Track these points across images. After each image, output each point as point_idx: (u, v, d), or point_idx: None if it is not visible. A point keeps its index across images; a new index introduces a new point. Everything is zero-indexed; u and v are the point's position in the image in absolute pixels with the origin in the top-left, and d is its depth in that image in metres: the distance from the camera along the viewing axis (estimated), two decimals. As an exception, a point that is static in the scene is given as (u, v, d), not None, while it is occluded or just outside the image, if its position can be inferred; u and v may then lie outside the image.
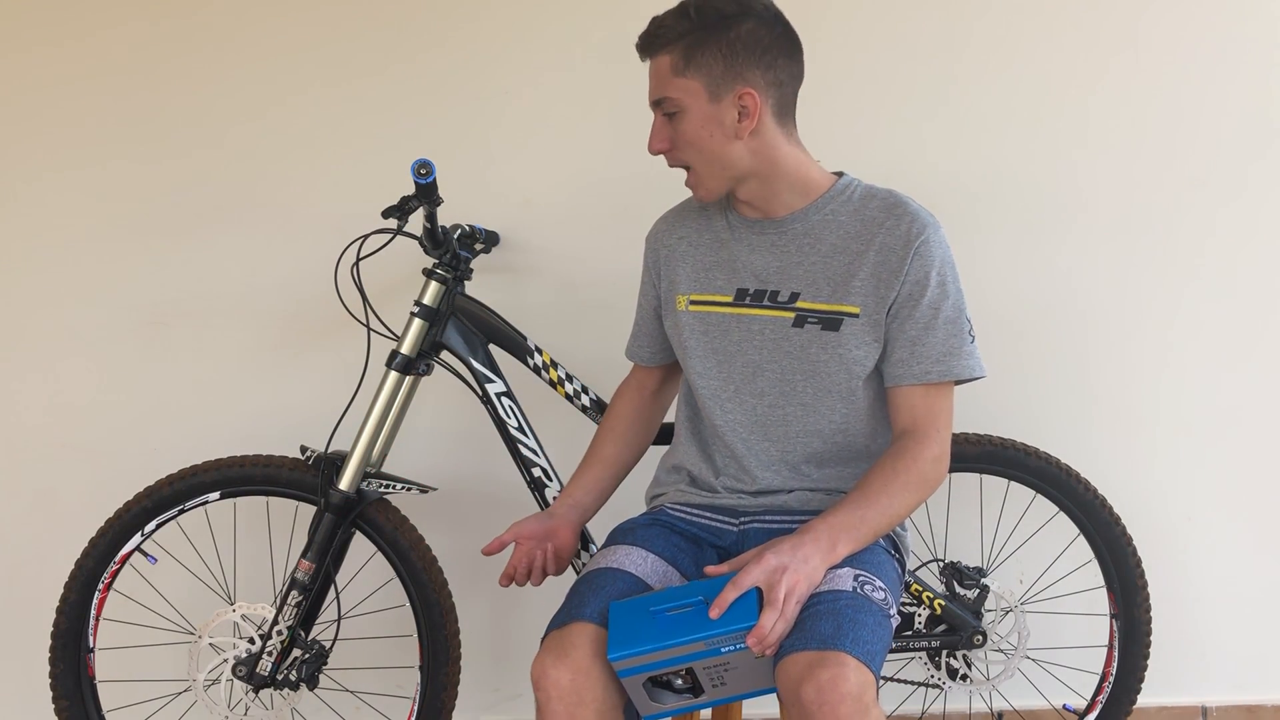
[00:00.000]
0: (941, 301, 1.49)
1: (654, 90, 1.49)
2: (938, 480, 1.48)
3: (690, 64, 1.45)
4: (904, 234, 1.49)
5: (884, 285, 1.49)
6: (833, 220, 1.53)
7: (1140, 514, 2.10)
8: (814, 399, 1.54)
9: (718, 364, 1.58)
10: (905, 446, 1.47)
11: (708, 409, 1.59)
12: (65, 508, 2.28)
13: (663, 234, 1.68)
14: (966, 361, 1.50)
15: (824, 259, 1.52)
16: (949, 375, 1.49)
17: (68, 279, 2.25)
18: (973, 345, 1.51)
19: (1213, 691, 2.26)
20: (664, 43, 1.46)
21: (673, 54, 1.46)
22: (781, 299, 1.54)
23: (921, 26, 2.16)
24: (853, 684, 1.23)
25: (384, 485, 1.90)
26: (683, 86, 1.45)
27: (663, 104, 1.48)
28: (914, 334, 1.49)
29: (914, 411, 1.50)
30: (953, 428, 1.53)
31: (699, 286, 1.60)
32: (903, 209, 1.52)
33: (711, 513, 1.61)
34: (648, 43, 1.48)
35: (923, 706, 2.16)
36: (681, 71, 1.45)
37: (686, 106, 1.46)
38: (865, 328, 1.50)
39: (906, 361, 1.49)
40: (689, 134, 1.48)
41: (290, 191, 2.23)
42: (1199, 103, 2.15)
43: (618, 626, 1.35)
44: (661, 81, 1.48)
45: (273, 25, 2.20)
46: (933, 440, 1.48)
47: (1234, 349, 2.19)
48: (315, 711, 2.17)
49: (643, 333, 1.76)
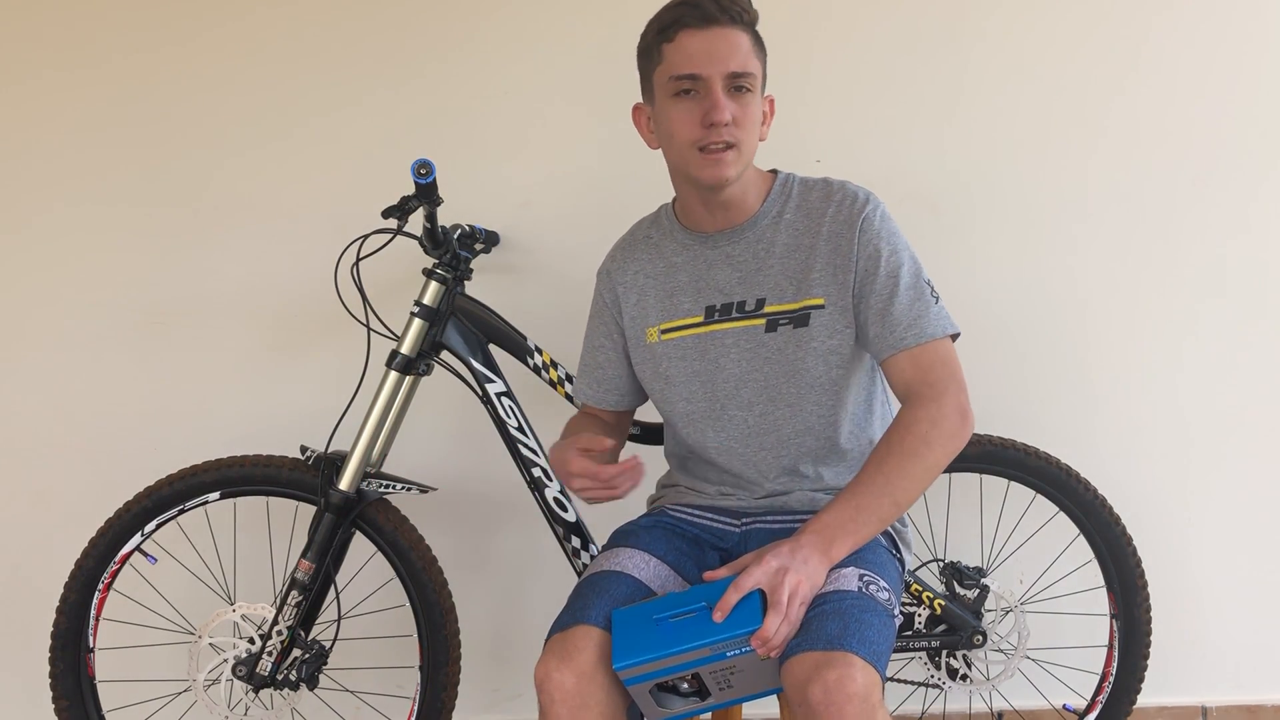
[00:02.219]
0: (898, 269, 1.49)
1: (735, 61, 1.42)
2: (949, 436, 1.42)
3: (759, 49, 1.47)
4: (846, 215, 1.50)
5: (840, 270, 1.50)
6: (779, 221, 1.54)
7: (1140, 514, 2.10)
8: (798, 397, 1.54)
9: (701, 385, 1.57)
10: (899, 416, 1.46)
11: (699, 432, 1.58)
12: (65, 508, 2.27)
13: (616, 271, 1.65)
14: (937, 321, 1.49)
15: (780, 260, 1.53)
16: (924, 337, 1.47)
17: (68, 279, 2.25)
18: (939, 305, 1.50)
19: (1213, 691, 2.26)
20: (746, 16, 1.45)
21: (750, 33, 1.45)
22: (749, 308, 1.54)
23: (923, 27, 2.15)
24: (859, 684, 1.23)
25: (384, 485, 1.89)
26: (757, 67, 1.46)
27: (742, 78, 1.43)
28: (880, 306, 1.49)
29: (904, 376, 1.48)
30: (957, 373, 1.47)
31: (667, 315, 1.59)
32: (840, 192, 1.53)
33: (713, 513, 1.61)
34: (728, 8, 1.42)
35: (923, 706, 2.16)
36: (757, 54, 1.46)
37: (756, 88, 1.46)
38: (834, 315, 1.51)
39: (882, 335, 1.49)
40: (751, 115, 1.46)
41: (290, 191, 2.22)
42: (1200, 102, 2.15)
43: (622, 634, 1.35)
44: (745, 55, 1.43)
45: (273, 26, 2.20)
46: (928, 398, 1.44)
47: (1234, 349, 2.19)
48: (315, 711, 2.17)
49: (607, 377, 1.69)
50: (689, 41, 1.42)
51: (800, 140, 2.11)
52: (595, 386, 1.71)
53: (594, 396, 1.72)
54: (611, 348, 1.68)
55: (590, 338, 1.72)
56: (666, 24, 1.45)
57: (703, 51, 1.41)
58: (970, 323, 2.11)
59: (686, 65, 1.42)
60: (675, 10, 1.44)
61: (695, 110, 1.43)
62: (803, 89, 2.13)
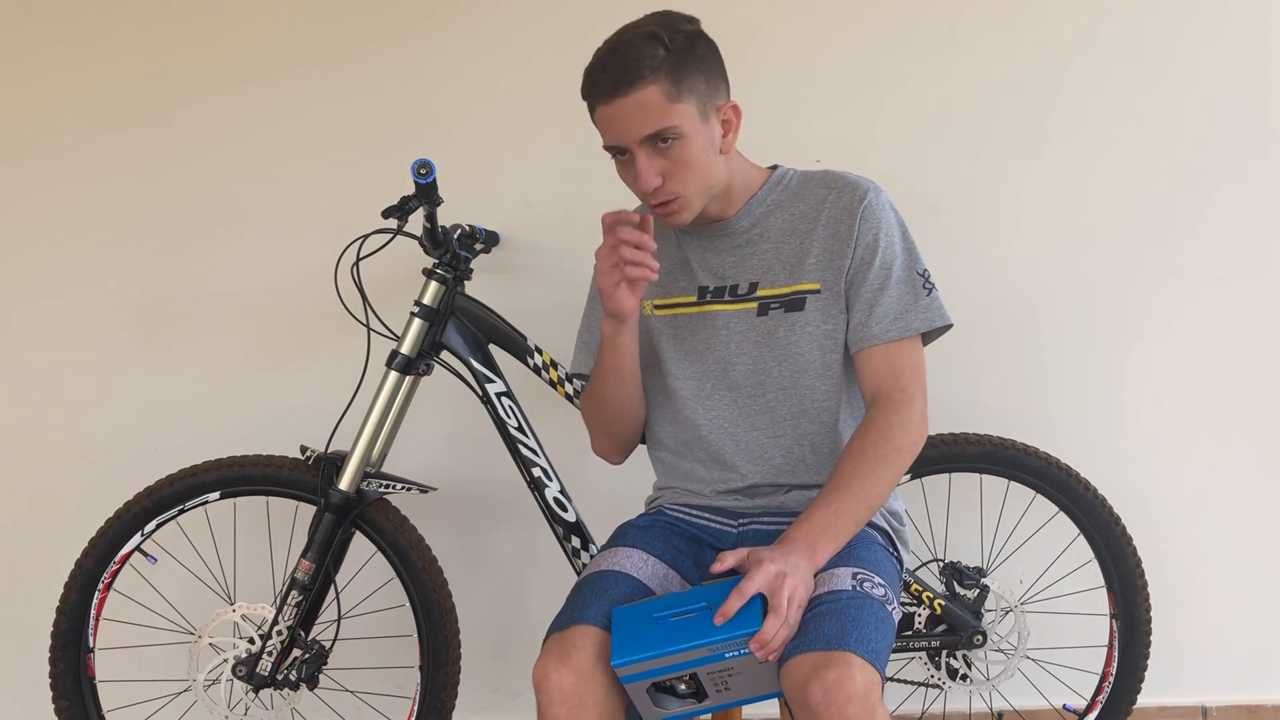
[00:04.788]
0: (893, 261, 1.50)
1: (646, 125, 1.39)
2: (913, 444, 1.44)
3: (680, 88, 1.39)
4: (847, 203, 1.50)
5: (837, 256, 1.50)
6: (775, 208, 1.54)
7: (1140, 514, 2.10)
8: (792, 381, 1.54)
9: (690, 363, 1.58)
10: (871, 419, 1.46)
11: (690, 410, 1.59)
12: (65, 508, 2.28)
13: None
14: (925, 314, 1.49)
15: (775, 245, 1.53)
16: (907, 330, 1.48)
17: (68, 279, 2.26)
18: (930, 297, 1.50)
19: (1213, 691, 2.26)
20: (646, 73, 1.37)
21: (660, 83, 1.37)
22: (741, 291, 1.55)
23: (923, 26, 2.15)
24: (859, 684, 1.23)
25: (384, 485, 1.89)
26: (680, 113, 1.40)
27: (662, 135, 1.39)
28: (869, 296, 1.49)
29: (876, 375, 1.48)
30: (923, 383, 1.48)
31: (662, 291, 1.60)
32: (841, 181, 1.53)
33: (710, 514, 1.61)
34: (622, 77, 1.37)
35: (923, 706, 2.16)
36: (675, 98, 1.38)
37: (686, 132, 1.40)
38: (829, 300, 1.51)
39: (864, 324, 1.49)
40: (690, 159, 1.41)
41: (290, 191, 2.23)
42: (1199, 102, 2.15)
43: (621, 632, 1.35)
44: (657, 113, 1.38)
45: (274, 26, 2.20)
46: (899, 404, 1.45)
47: (1234, 349, 2.19)
48: (315, 711, 2.17)
49: None
50: (603, 114, 1.42)
51: (800, 140, 2.11)
52: (593, 358, 1.70)
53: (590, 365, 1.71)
54: None
55: (588, 317, 1.72)
56: (586, 94, 1.45)
57: (614, 122, 1.40)
58: (970, 322, 2.12)
59: (607, 136, 1.44)
60: (587, 81, 1.44)
61: (631, 173, 1.44)
62: (803, 89, 2.13)
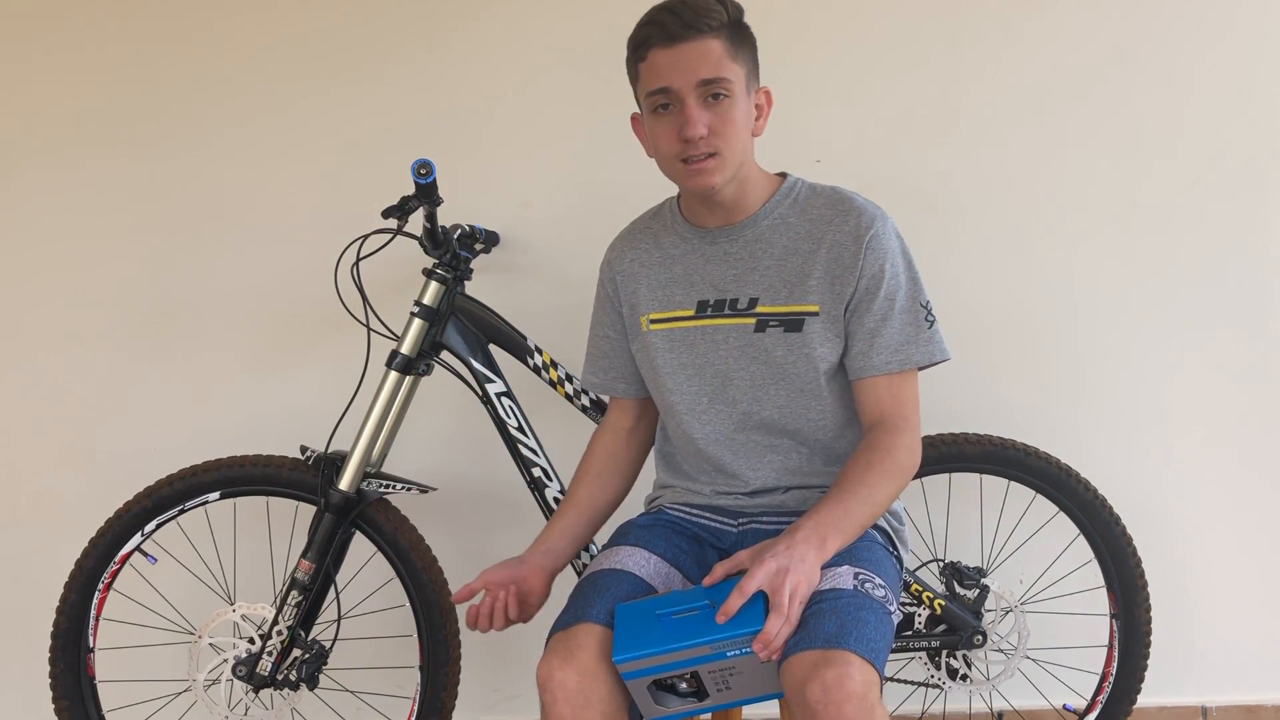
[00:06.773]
0: (896, 292, 1.51)
1: (704, 70, 1.42)
2: (913, 468, 1.49)
3: (737, 51, 1.45)
4: (853, 230, 1.50)
5: (839, 282, 1.50)
6: (781, 223, 1.54)
7: (1140, 514, 2.09)
8: (787, 401, 1.55)
9: (688, 378, 1.59)
10: (877, 438, 1.48)
11: (686, 424, 1.59)
12: (65, 508, 2.28)
13: (616, 260, 1.67)
14: (925, 348, 1.51)
15: (777, 262, 1.53)
16: (908, 364, 1.51)
17: (68, 279, 2.26)
18: (931, 330, 1.52)
19: (1213, 691, 2.26)
20: (713, 26, 1.42)
21: (721, 39, 1.43)
22: (741, 306, 1.55)
23: (923, 26, 2.15)
24: (858, 683, 1.23)
25: (384, 485, 1.90)
26: (734, 71, 1.44)
27: (715, 84, 1.43)
28: (872, 326, 1.50)
29: (880, 403, 1.51)
30: (919, 413, 1.54)
31: (659, 305, 1.61)
32: (849, 204, 1.53)
33: (711, 513, 1.61)
34: (693, 22, 1.42)
35: (923, 706, 2.16)
36: (734, 57, 1.44)
37: (736, 92, 1.45)
38: (826, 324, 1.52)
39: (866, 354, 1.51)
40: (735, 119, 1.45)
41: (290, 191, 2.23)
42: (1201, 103, 2.15)
43: (623, 629, 1.35)
44: (715, 62, 1.42)
45: (273, 26, 2.20)
46: (903, 430, 1.49)
47: (1234, 349, 2.19)
48: (315, 711, 2.17)
49: (613, 365, 1.71)
50: (658, 59, 1.44)
51: (800, 140, 2.11)
52: (602, 374, 1.73)
53: (601, 385, 1.74)
54: (615, 336, 1.70)
55: (595, 327, 1.73)
56: (638, 44, 1.47)
57: (671, 66, 1.43)
58: (970, 322, 2.13)
59: (657, 80, 1.45)
60: (644, 30, 1.46)
61: (673, 124, 1.45)
62: (803, 89, 2.13)
